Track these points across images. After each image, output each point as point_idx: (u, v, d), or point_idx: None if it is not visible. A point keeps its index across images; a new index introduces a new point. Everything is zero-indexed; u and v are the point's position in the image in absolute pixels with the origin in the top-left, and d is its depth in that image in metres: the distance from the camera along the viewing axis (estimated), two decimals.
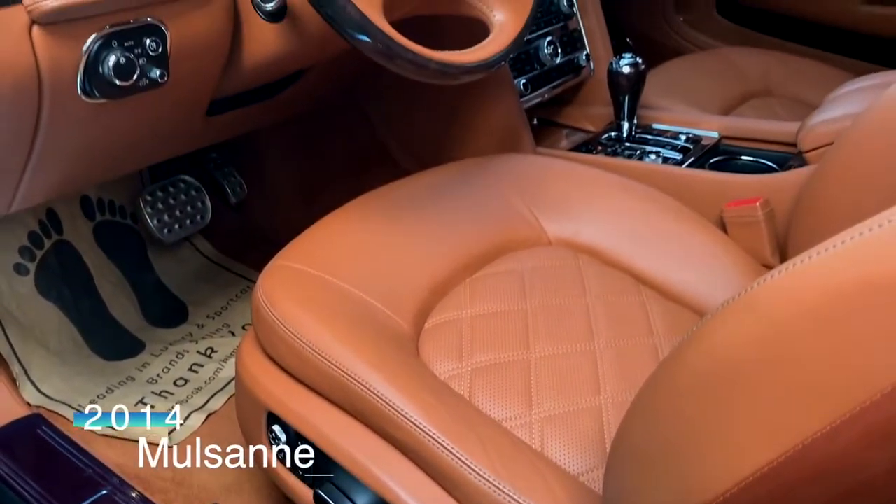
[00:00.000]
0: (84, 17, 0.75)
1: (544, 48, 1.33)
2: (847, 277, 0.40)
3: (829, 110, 1.06)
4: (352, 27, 0.75)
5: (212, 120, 1.08)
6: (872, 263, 0.39)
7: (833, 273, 0.41)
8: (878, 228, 0.39)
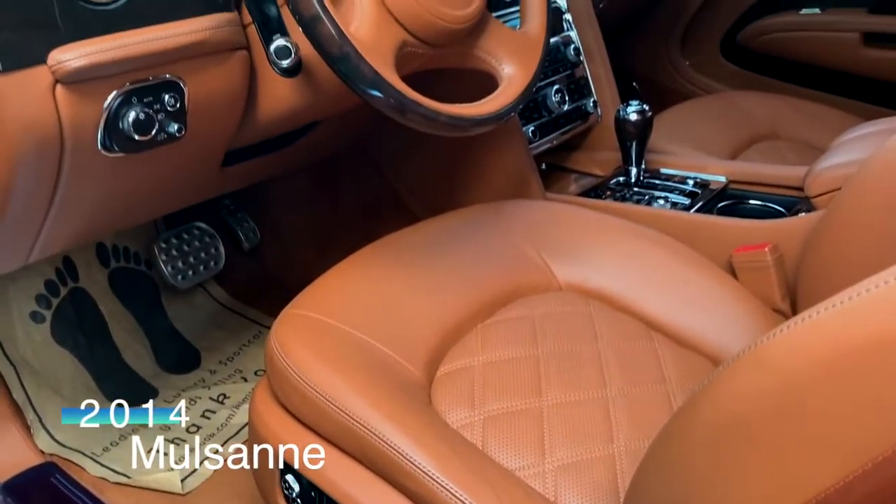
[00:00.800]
0: (106, 75, 0.78)
1: (552, 96, 1.36)
2: (857, 333, 0.41)
3: (835, 156, 1.07)
4: (365, 84, 0.77)
5: (227, 170, 1.10)
6: (881, 320, 0.40)
7: (842, 329, 0.42)
8: (884, 285, 0.40)
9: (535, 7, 1.00)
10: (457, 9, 0.86)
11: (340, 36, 0.74)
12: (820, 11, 1.88)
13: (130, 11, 0.80)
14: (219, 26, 0.85)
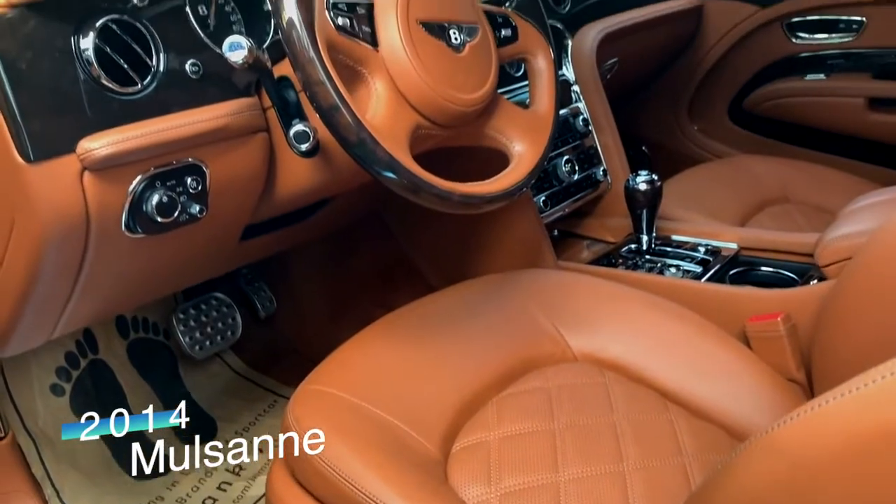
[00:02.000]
0: (132, 161, 0.81)
1: (562, 166, 1.38)
2: (867, 423, 0.41)
3: (844, 225, 1.09)
4: (380, 167, 0.79)
5: (245, 244, 1.13)
6: (890, 410, 0.40)
7: (853, 418, 0.42)
8: (890, 376, 0.41)
9: (544, 87, 1.03)
10: (468, 93, 0.89)
11: (357, 124, 0.76)
12: (825, 77, 1.91)
13: (156, 100, 0.84)
14: (240, 111, 0.89)
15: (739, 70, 2.03)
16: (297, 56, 0.76)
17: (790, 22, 1.92)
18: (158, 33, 0.85)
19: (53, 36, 0.77)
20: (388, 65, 0.84)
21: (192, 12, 0.89)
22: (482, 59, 0.93)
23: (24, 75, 0.74)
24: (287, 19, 0.77)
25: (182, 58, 0.86)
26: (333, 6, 0.81)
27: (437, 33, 0.88)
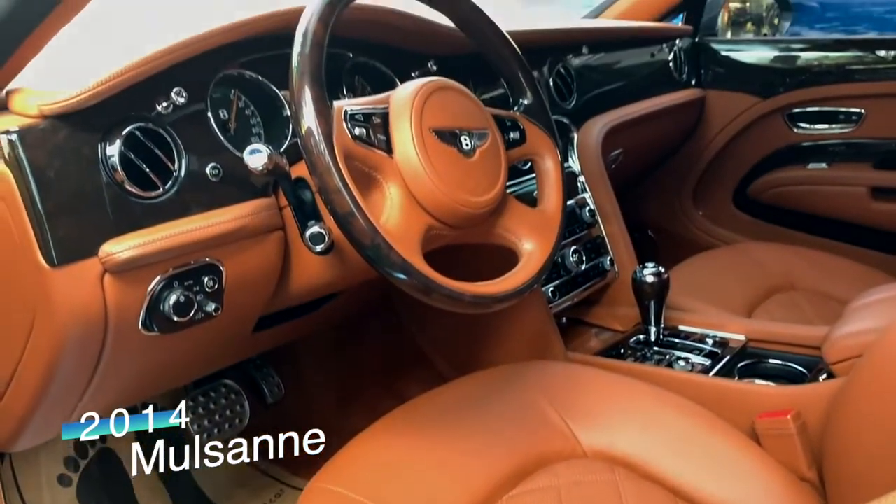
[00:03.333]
0: (151, 263, 0.83)
1: (570, 256, 1.41)
2: None
3: (852, 322, 1.10)
4: (393, 269, 0.81)
5: (256, 335, 1.14)
6: None
7: None
8: None
9: (552, 186, 1.06)
10: (478, 196, 0.92)
11: (372, 230, 0.79)
12: (827, 166, 1.95)
13: (176, 202, 0.87)
14: (257, 212, 0.92)
15: (742, 158, 2.08)
16: (316, 164, 0.79)
17: (791, 112, 1.98)
18: (181, 138, 0.88)
19: (81, 144, 0.80)
20: (402, 171, 0.87)
21: (213, 116, 0.93)
22: (492, 162, 0.96)
23: (52, 183, 0.77)
24: (306, 128, 0.80)
25: (203, 161, 0.90)
26: (350, 117, 0.84)
27: (448, 140, 0.91)
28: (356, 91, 1.15)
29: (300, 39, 0.83)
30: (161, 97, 0.87)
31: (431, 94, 0.91)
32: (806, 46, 2.01)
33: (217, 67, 0.94)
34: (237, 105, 0.99)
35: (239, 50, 0.95)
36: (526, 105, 1.08)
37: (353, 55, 1.13)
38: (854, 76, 1.88)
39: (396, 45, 1.19)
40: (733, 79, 2.04)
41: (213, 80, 0.94)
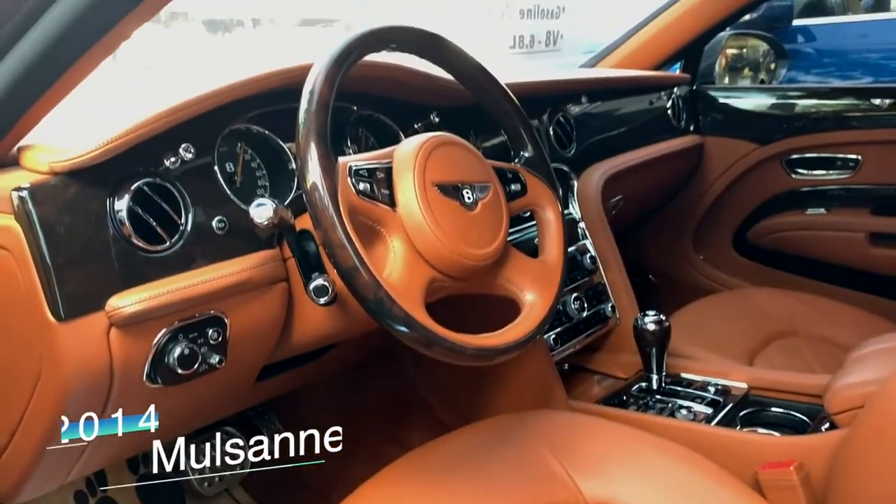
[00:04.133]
0: (157, 316, 0.84)
1: (571, 303, 1.41)
2: None
3: (853, 373, 1.10)
4: (396, 322, 0.82)
5: (259, 384, 1.15)
6: None
7: None
8: None
9: (553, 237, 1.07)
10: (480, 248, 0.93)
11: (375, 284, 0.80)
12: (825, 212, 1.97)
13: (182, 255, 0.88)
14: (262, 264, 0.93)
15: (742, 203, 2.10)
16: (320, 220, 0.80)
17: (789, 159, 2.00)
18: (188, 192, 0.90)
19: (90, 199, 0.82)
20: (405, 224, 0.89)
21: (219, 170, 0.95)
22: (493, 215, 0.97)
23: (61, 238, 0.78)
24: (311, 184, 0.82)
25: (209, 214, 0.91)
26: (355, 172, 0.86)
27: (450, 194, 0.92)
28: (360, 142, 1.17)
29: (307, 97, 0.85)
30: (169, 152, 0.89)
31: (434, 150, 0.93)
32: (802, 94, 2.05)
33: (224, 123, 0.96)
34: (243, 158, 1.01)
35: (246, 105, 0.98)
36: (527, 157, 1.10)
37: (358, 108, 1.15)
38: (851, 123, 1.91)
39: (400, 98, 1.21)
40: (731, 125, 2.07)
41: (221, 135, 0.96)
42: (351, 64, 0.89)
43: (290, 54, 1.06)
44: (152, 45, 3.77)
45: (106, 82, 0.88)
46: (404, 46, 0.99)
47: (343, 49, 0.88)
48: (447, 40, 1.03)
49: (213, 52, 3.79)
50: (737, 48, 2.68)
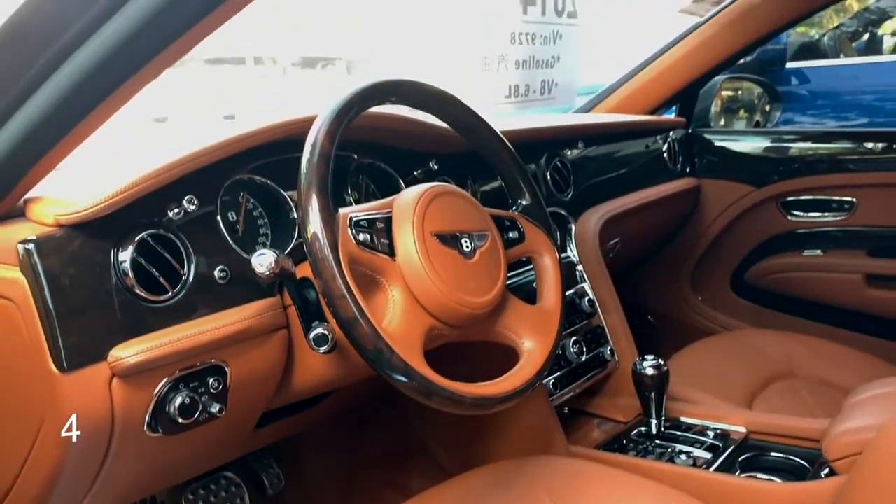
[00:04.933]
0: (159, 366, 0.85)
1: (570, 347, 1.42)
2: None
3: (850, 419, 1.10)
4: (395, 372, 0.83)
5: (259, 430, 1.15)
6: None
7: None
8: None
9: (551, 284, 1.08)
10: (479, 296, 0.95)
11: (375, 335, 0.81)
12: (822, 253, 1.98)
13: (185, 305, 0.89)
14: (262, 312, 0.94)
15: (739, 245, 2.12)
16: (321, 271, 0.82)
17: (784, 200, 2.02)
18: (190, 242, 0.91)
19: (95, 252, 0.83)
20: (405, 274, 0.90)
21: (222, 220, 0.96)
22: (492, 263, 0.99)
23: (65, 290, 0.80)
24: (312, 234, 0.83)
25: (211, 264, 0.92)
26: (355, 223, 0.87)
27: (449, 243, 0.94)
28: (361, 190, 1.19)
29: (309, 149, 0.87)
30: (173, 203, 0.90)
31: (433, 200, 0.95)
32: (797, 137, 2.08)
33: (228, 173, 0.98)
34: (245, 207, 1.03)
35: (249, 155, 0.99)
36: (524, 205, 1.12)
37: (358, 156, 1.17)
38: (845, 166, 1.93)
39: (399, 146, 1.23)
40: (727, 168, 2.09)
41: (224, 185, 0.98)
42: (351, 119, 0.91)
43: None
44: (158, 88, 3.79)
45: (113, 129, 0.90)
46: (403, 99, 1.01)
47: (344, 104, 0.90)
48: (445, 92, 1.06)
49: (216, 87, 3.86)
50: (732, 90, 2.72)
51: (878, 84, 3.06)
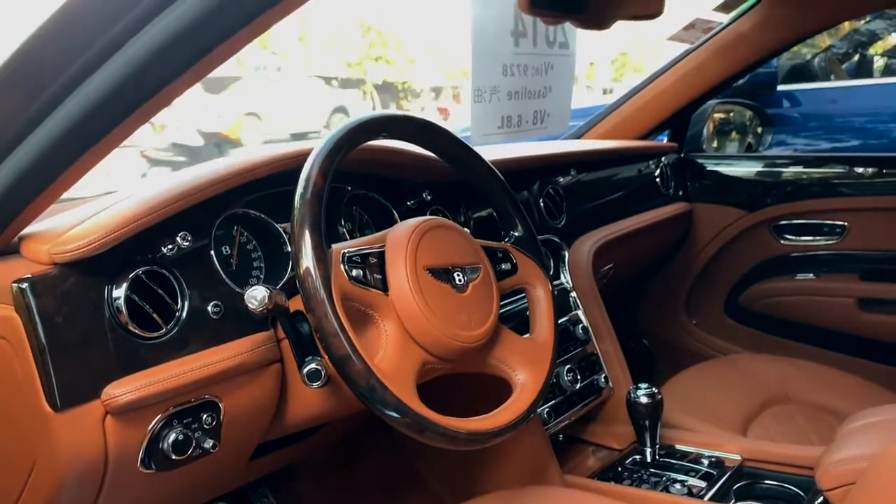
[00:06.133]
0: (152, 403, 0.85)
1: (564, 375, 1.42)
2: None
3: (844, 448, 1.10)
4: (387, 408, 0.84)
5: (253, 462, 1.15)
6: None
7: None
8: None
9: (543, 315, 1.09)
10: (471, 330, 0.95)
11: (368, 372, 0.81)
12: (815, 277, 1.99)
13: (178, 341, 0.89)
14: (256, 347, 0.94)
15: (732, 269, 2.12)
16: (314, 308, 0.82)
17: (777, 224, 2.03)
18: (184, 278, 0.92)
19: (89, 289, 0.83)
20: (398, 309, 0.91)
21: (216, 254, 0.97)
22: (484, 295, 0.99)
23: (59, 328, 0.80)
24: (305, 270, 0.84)
25: (205, 299, 0.93)
26: (348, 259, 0.88)
27: (442, 277, 0.95)
28: (354, 221, 1.19)
29: (302, 186, 0.87)
30: (166, 240, 0.91)
31: (425, 234, 0.95)
32: (789, 162, 2.09)
33: (222, 208, 0.99)
34: (239, 241, 1.03)
35: (243, 190, 1.00)
36: (516, 237, 1.13)
37: (352, 188, 1.18)
38: (836, 190, 1.94)
39: (392, 176, 1.24)
40: (719, 192, 2.11)
41: (218, 220, 0.98)
42: (344, 155, 0.92)
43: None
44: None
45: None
46: (394, 134, 1.02)
47: (336, 141, 0.91)
48: (435, 124, 1.07)
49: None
50: (724, 113, 2.74)
51: (868, 106, 3.08)
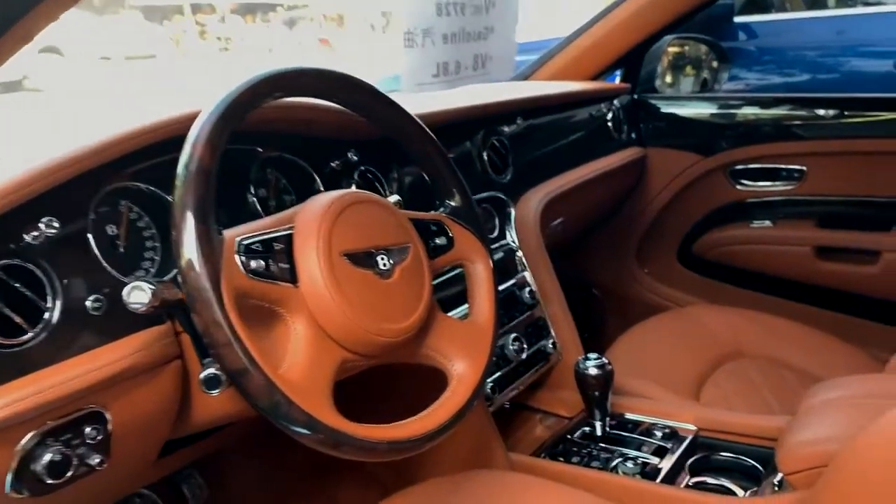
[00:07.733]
0: (22, 421, 0.72)
1: (510, 344, 1.31)
2: None
3: (806, 427, 1.02)
4: (295, 425, 0.72)
5: (162, 460, 1.02)
6: None
7: None
8: None
9: (483, 295, 0.97)
10: (397, 322, 0.83)
11: (270, 386, 0.69)
12: (771, 224, 1.92)
13: (51, 346, 0.76)
14: (149, 345, 0.81)
15: (686, 216, 2.04)
16: (201, 314, 0.69)
17: (733, 169, 1.94)
18: (55, 270, 0.78)
19: None
20: (309, 303, 0.77)
21: (95, 238, 0.82)
22: (413, 279, 0.87)
23: None
24: (186, 261, 0.70)
25: (82, 294, 0.79)
26: (246, 249, 0.74)
27: (363, 263, 0.82)
28: (269, 186, 1.05)
29: (185, 161, 0.73)
30: (30, 226, 0.76)
31: (342, 212, 0.82)
32: (746, 103, 1.98)
33: (99, 184, 0.84)
34: (127, 218, 0.88)
35: (125, 161, 0.85)
36: (452, 206, 1.00)
37: (263, 150, 1.03)
38: (795, 133, 1.85)
39: (311, 135, 1.09)
40: (674, 135, 2.00)
41: (96, 199, 0.83)
42: (238, 122, 0.77)
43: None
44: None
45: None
46: (303, 92, 0.87)
47: (228, 105, 0.76)
48: (353, 78, 0.91)
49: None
50: (678, 46, 2.62)
51: (824, 39, 2.99)
